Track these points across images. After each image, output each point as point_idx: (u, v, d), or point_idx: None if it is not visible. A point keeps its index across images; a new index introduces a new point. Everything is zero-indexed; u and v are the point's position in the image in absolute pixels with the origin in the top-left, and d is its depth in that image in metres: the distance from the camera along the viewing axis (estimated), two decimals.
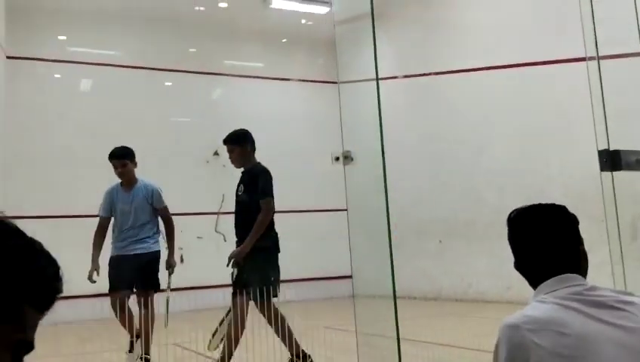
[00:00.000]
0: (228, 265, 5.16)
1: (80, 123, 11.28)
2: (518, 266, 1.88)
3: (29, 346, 0.88)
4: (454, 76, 11.48)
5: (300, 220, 12.35)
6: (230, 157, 5.45)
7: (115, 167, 5.84)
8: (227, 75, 12.97)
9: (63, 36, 11.88)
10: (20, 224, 0.94)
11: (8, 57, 10.77)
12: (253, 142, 5.47)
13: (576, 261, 1.81)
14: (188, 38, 12.62)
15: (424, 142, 11.91)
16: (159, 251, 5.85)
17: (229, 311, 5.18)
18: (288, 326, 5.16)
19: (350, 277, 10.65)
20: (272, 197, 5.23)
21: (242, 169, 5.47)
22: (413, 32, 12.33)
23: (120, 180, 5.88)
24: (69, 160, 11.13)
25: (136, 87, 12.04)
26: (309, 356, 5.18)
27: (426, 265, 11.49)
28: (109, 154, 5.87)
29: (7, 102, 10.47)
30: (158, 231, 5.92)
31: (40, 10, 11.41)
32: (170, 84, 12.62)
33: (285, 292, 12.00)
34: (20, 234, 0.91)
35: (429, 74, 11.92)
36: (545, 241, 1.82)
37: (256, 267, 5.13)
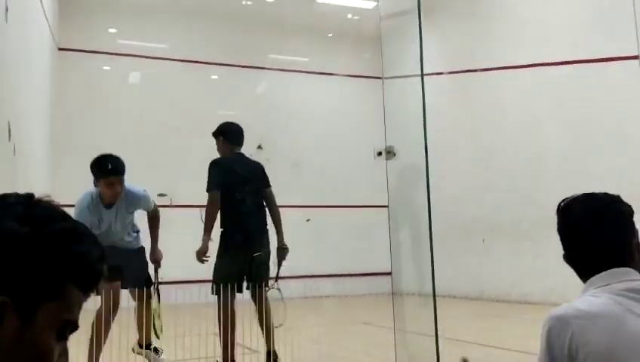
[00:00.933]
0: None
1: (128, 115, 11.49)
2: (568, 258, 1.76)
3: (74, 326, 0.91)
4: (501, 73, 11.29)
5: (341, 215, 12.36)
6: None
7: (112, 185, 4.95)
8: (273, 69, 13.04)
9: (114, 29, 12.11)
10: (70, 212, 0.97)
11: (60, 49, 11.04)
12: (228, 134, 5.37)
13: (629, 254, 1.70)
14: (235, 32, 12.73)
15: (468, 139, 11.76)
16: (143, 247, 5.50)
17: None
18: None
19: (390, 273, 10.60)
20: (215, 189, 5.13)
21: None
22: (460, 28, 12.17)
23: (101, 195, 5.00)
24: (116, 151, 11.32)
25: (183, 80, 12.21)
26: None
27: (468, 265, 11.35)
28: (109, 170, 4.98)
29: (58, 92, 10.75)
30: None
31: (91, 3, 11.66)
32: (216, 77, 12.75)
33: (325, 287, 12.02)
34: (67, 218, 0.94)
35: (476, 70, 11.76)
36: (596, 231, 1.70)
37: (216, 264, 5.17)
